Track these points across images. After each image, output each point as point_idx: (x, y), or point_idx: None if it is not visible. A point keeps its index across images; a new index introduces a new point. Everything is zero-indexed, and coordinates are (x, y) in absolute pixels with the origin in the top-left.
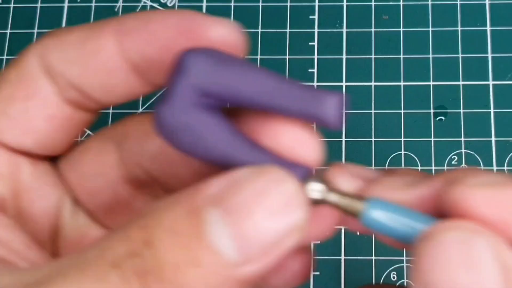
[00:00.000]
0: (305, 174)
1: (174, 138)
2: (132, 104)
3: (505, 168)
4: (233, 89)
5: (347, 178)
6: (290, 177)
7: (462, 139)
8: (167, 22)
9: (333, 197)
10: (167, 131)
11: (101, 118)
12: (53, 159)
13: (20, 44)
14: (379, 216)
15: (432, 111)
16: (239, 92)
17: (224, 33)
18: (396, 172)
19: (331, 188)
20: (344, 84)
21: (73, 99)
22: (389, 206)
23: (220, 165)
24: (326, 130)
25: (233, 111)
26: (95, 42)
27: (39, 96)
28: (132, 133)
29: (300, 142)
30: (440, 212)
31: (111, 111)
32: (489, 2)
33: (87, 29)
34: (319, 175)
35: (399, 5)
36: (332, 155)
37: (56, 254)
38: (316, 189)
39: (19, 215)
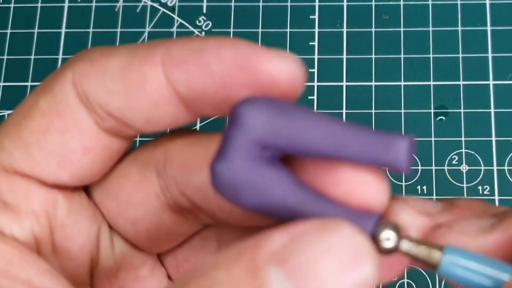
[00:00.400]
0: (376, 222)
1: (234, 195)
2: None
3: (506, 168)
4: (295, 140)
5: (412, 214)
6: (358, 231)
7: (463, 139)
8: (221, 55)
9: (406, 246)
10: (226, 188)
11: None
12: (86, 187)
13: (20, 44)
14: (458, 267)
15: (432, 111)
16: (302, 143)
17: (284, 68)
18: (460, 204)
19: (403, 235)
20: (344, 84)
21: (111, 128)
22: (468, 255)
23: (284, 219)
24: None
25: (290, 159)
26: (139, 72)
27: (76, 128)
28: (175, 160)
29: (367, 186)
30: None
31: None
32: (490, 1)
33: (129, 55)
34: (390, 222)
35: (400, 5)
36: None
37: (93, 286)
38: (388, 238)
39: (55, 254)
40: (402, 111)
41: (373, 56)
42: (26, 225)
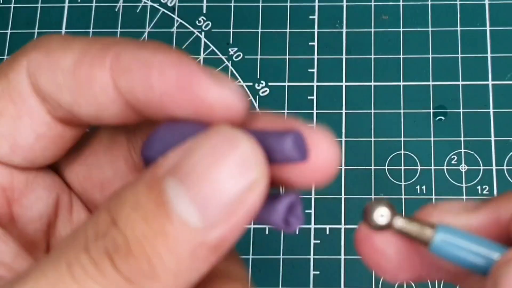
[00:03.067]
0: (296, 137)
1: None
2: None
3: (505, 168)
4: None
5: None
6: (240, 133)
7: (462, 139)
8: (164, 73)
9: (399, 222)
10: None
11: None
12: None
13: (20, 45)
14: (449, 244)
15: (431, 111)
16: None
17: (222, 97)
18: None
19: (397, 213)
20: (344, 84)
21: (63, 118)
22: (459, 233)
23: None
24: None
25: None
26: (88, 71)
27: (28, 115)
28: (144, 124)
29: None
30: (505, 237)
31: None
32: (489, 2)
33: (82, 51)
34: (384, 200)
35: (399, 5)
36: None
37: (49, 252)
38: (382, 215)
39: (12, 221)
40: (402, 111)
41: (373, 56)
42: None
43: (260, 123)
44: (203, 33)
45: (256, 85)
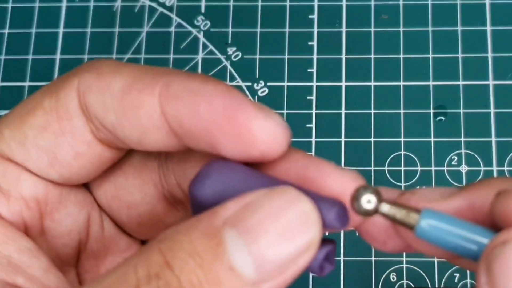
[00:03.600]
0: (340, 209)
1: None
2: None
3: (505, 168)
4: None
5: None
6: (304, 196)
7: (462, 139)
8: (213, 103)
9: (385, 208)
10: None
11: None
12: None
13: (18, 44)
14: (434, 228)
15: (432, 111)
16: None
17: (267, 131)
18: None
19: (383, 199)
20: (343, 84)
21: (105, 139)
22: (443, 217)
23: None
24: (325, 130)
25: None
26: (137, 97)
27: (71, 133)
28: (176, 153)
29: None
30: (480, 222)
31: None
32: (489, 1)
33: (133, 78)
34: (371, 187)
35: (399, 4)
36: (332, 155)
37: (79, 268)
38: (369, 201)
39: (43, 234)
40: (401, 111)
41: (372, 56)
42: (15, 209)
43: (290, 162)
44: (201, 32)
45: (255, 85)
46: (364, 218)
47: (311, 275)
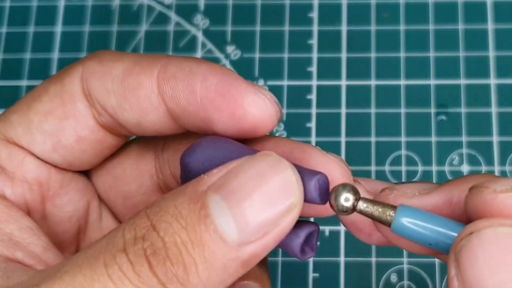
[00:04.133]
0: (323, 180)
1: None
2: None
3: (507, 168)
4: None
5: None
6: (285, 161)
7: (463, 138)
8: (207, 80)
9: (363, 205)
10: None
11: None
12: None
13: (15, 43)
14: (409, 224)
15: (432, 110)
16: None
17: (257, 104)
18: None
19: (361, 197)
20: (343, 83)
21: (107, 124)
22: (418, 212)
23: None
24: (325, 129)
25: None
26: (136, 79)
27: (75, 117)
28: (172, 145)
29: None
30: (457, 217)
31: None
32: (491, 0)
33: (133, 62)
34: (348, 185)
35: (399, 2)
36: None
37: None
38: (347, 199)
39: (44, 218)
40: (402, 110)
41: (373, 55)
42: (18, 190)
43: (278, 145)
44: (200, 31)
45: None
46: (343, 215)
47: (311, 275)
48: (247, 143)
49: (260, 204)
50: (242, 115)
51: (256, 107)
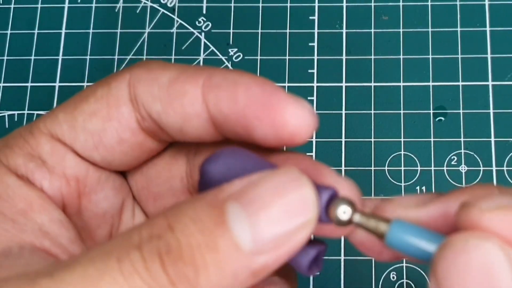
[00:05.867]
0: (332, 193)
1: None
2: None
3: (505, 168)
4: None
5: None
6: (306, 177)
7: (462, 139)
8: (250, 90)
9: (359, 219)
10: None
11: None
12: None
13: (20, 45)
14: (401, 237)
15: (431, 111)
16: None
17: (297, 115)
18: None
19: (357, 210)
20: (344, 84)
21: (149, 128)
22: (411, 227)
23: None
24: (326, 130)
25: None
26: (182, 86)
27: (118, 120)
28: (204, 151)
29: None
30: (452, 229)
31: None
32: (489, 2)
33: (179, 71)
34: (345, 198)
35: (399, 5)
36: (332, 155)
37: None
38: (344, 212)
39: (79, 213)
40: (401, 111)
41: (373, 57)
42: (56, 184)
43: (295, 162)
44: (203, 33)
45: None
46: (341, 227)
47: (311, 276)
48: (265, 156)
49: (277, 217)
50: (281, 124)
51: (295, 117)
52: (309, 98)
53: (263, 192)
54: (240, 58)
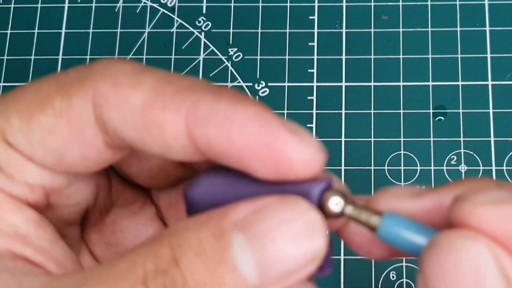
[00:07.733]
0: (326, 186)
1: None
2: None
3: (504, 168)
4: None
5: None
6: (313, 209)
7: (462, 139)
8: (248, 130)
9: (351, 211)
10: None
11: None
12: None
13: (20, 45)
14: (393, 230)
15: (431, 111)
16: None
17: (304, 156)
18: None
19: (349, 201)
20: (343, 84)
21: (120, 146)
22: (403, 220)
23: None
24: (325, 130)
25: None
26: (160, 115)
27: (82, 141)
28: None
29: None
30: (447, 222)
31: None
32: (488, 2)
33: (155, 92)
34: (338, 190)
35: (399, 5)
36: (332, 155)
37: (84, 221)
38: (336, 203)
39: (48, 207)
40: (401, 111)
41: (372, 57)
42: (19, 191)
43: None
44: (203, 33)
45: (256, 85)
46: (332, 219)
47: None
48: None
49: (285, 252)
50: (287, 168)
51: (302, 160)
52: (308, 98)
53: (270, 225)
54: (240, 57)
